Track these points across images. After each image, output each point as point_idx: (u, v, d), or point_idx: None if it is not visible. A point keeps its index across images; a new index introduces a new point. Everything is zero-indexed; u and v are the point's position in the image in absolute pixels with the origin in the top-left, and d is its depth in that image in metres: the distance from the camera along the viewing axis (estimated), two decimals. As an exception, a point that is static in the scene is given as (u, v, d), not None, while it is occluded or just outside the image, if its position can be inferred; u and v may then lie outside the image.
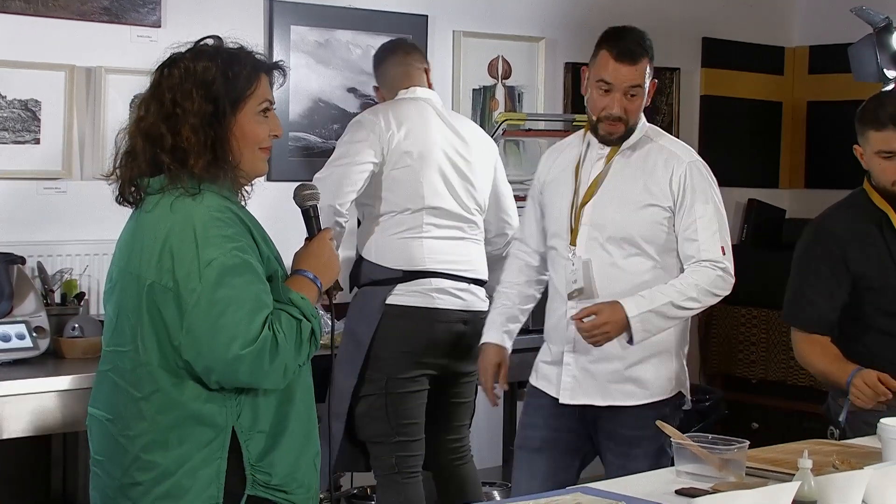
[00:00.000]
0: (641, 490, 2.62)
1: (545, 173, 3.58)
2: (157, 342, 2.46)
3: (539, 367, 3.56)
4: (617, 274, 3.37)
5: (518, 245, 3.72)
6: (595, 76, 3.40)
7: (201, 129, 2.49)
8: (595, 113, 3.40)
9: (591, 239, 3.39)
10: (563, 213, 3.45)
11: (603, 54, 3.39)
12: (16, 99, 4.20)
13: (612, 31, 3.45)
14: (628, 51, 3.36)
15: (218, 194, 2.51)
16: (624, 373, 3.40)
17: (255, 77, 2.57)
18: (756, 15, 6.50)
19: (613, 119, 3.38)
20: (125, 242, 2.57)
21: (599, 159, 3.44)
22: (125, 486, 2.50)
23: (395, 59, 4.28)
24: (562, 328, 3.44)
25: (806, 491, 2.31)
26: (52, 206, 4.29)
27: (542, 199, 3.57)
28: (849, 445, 3.06)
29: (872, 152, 3.44)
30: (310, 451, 2.61)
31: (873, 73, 5.46)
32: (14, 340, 3.75)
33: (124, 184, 2.56)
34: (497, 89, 5.47)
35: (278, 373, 2.46)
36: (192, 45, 2.58)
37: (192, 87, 2.50)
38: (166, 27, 4.48)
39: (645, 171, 3.41)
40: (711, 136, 6.44)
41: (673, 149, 3.47)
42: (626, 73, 3.36)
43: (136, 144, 2.53)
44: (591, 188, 3.41)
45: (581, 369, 3.41)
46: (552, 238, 3.50)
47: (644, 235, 3.38)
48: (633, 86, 3.36)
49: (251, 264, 2.46)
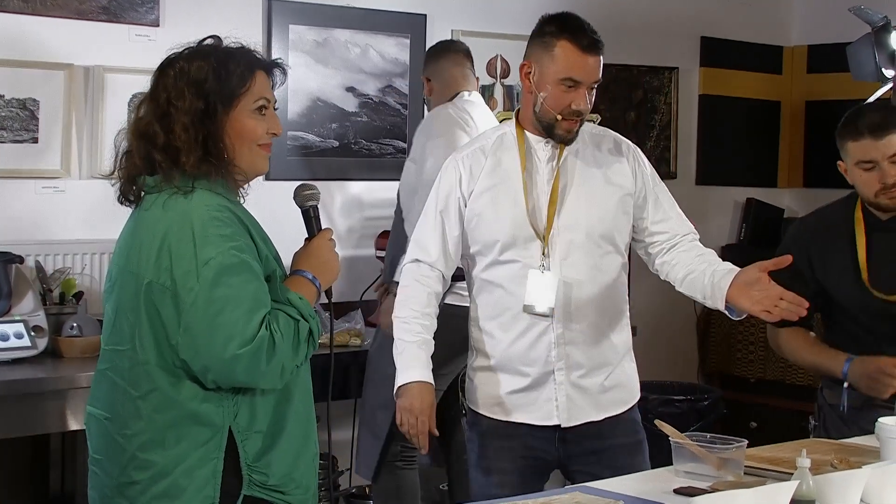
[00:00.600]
0: (640, 489, 2.62)
1: (470, 182, 3.17)
2: (154, 341, 2.46)
3: (506, 401, 3.18)
4: (595, 275, 3.14)
5: (420, 269, 3.20)
6: (559, 73, 3.06)
7: (192, 126, 2.49)
8: (557, 110, 3.07)
9: (567, 242, 3.11)
10: (518, 221, 3.11)
11: (565, 47, 3.07)
12: (14, 98, 4.20)
13: (560, 18, 3.13)
14: (594, 41, 3.08)
15: (212, 192, 2.51)
16: (612, 378, 3.19)
17: (250, 75, 2.57)
18: (754, 14, 6.50)
19: (577, 116, 3.09)
20: (124, 241, 2.57)
21: (552, 159, 3.14)
22: (122, 484, 2.50)
23: (456, 59, 4.45)
24: (541, 347, 3.12)
25: (804, 490, 2.31)
26: (51, 205, 4.29)
27: (471, 212, 3.16)
28: (847, 444, 3.06)
29: (853, 164, 3.38)
30: (308, 452, 2.61)
31: (871, 73, 5.46)
32: (12, 339, 3.76)
33: (124, 183, 2.57)
34: (495, 88, 5.47)
35: (275, 373, 2.46)
36: (193, 46, 2.59)
37: (185, 85, 2.51)
38: (165, 26, 4.48)
39: (598, 161, 3.18)
40: (710, 136, 6.45)
41: (608, 133, 3.25)
42: (595, 66, 3.08)
43: (132, 144, 2.55)
44: (555, 188, 3.13)
45: (573, 386, 3.14)
46: (504, 251, 3.12)
47: (619, 228, 3.16)
48: (597, 80, 3.10)
49: (249, 264, 2.46)
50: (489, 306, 3.18)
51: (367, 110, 5.07)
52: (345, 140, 5.02)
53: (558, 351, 3.12)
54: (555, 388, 3.13)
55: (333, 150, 4.99)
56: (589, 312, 3.14)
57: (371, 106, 5.08)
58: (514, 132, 3.20)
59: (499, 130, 3.25)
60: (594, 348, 3.16)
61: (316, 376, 2.69)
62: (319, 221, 2.74)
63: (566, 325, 3.12)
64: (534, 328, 3.12)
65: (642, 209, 3.21)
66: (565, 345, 3.12)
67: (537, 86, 3.11)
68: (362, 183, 5.03)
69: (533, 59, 3.12)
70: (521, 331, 3.14)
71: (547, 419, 3.15)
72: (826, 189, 5.98)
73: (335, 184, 4.93)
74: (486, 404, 3.20)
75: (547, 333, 3.12)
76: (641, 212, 3.21)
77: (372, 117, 5.09)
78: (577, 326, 3.12)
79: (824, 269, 3.44)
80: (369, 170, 5.05)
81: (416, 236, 3.25)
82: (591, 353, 3.15)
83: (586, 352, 3.15)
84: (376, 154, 5.11)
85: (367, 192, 4.99)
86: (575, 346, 3.14)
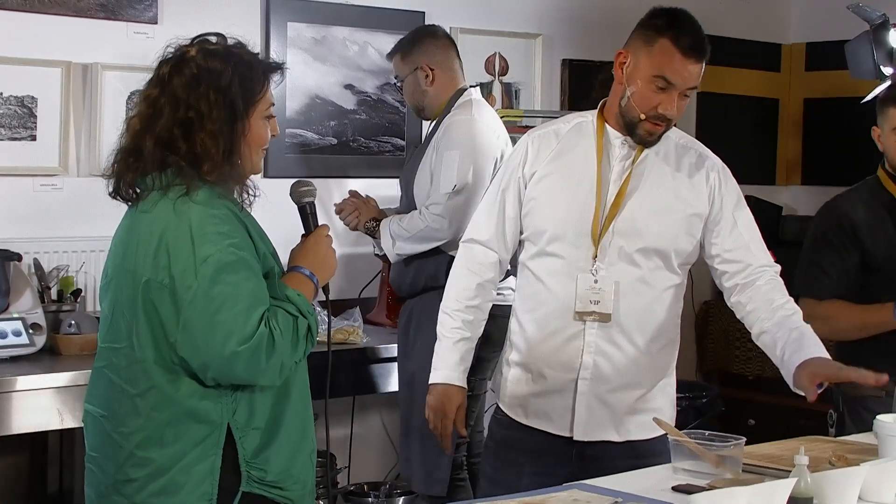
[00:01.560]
0: (638, 486, 2.62)
1: (535, 163, 3.03)
2: (152, 339, 2.46)
3: (526, 403, 3.05)
4: (641, 289, 2.97)
5: (472, 253, 3.10)
6: (652, 70, 2.87)
7: (219, 134, 2.47)
8: (643, 110, 2.90)
9: (618, 248, 2.95)
10: (573, 215, 2.96)
11: (665, 45, 2.86)
12: (12, 95, 4.19)
13: (670, 13, 2.91)
14: (698, 45, 2.86)
15: (210, 190, 2.50)
16: (643, 402, 3.02)
17: (266, 80, 2.56)
18: (753, 12, 6.50)
19: (663, 120, 2.92)
20: (120, 239, 2.56)
21: (625, 159, 2.98)
22: (119, 482, 2.50)
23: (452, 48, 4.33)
24: (570, 352, 2.98)
25: (802, 487, 2.31)
26: (49, 202, 4.29)
27: (529, 194, 3.03)
28: (845, 442, 3.06)
29: (890, 129, 3.54)
30: (306, 448, 2.61)
31: (870, 70, 5.46)
32: (10, 337, 3.75)
33: (121, 181, 2.55)
34: (494, 86, 5.46)
35: (274, 370, 2.46)
36: (197, 42, 2.56)
37: (208, 89, 2.47)
38: (163, 23, 4.47)
39: (674, 174, 3.01)
40: (708, 133, 6.40)
41: (696, 147, 3.09)
42: (694, 72, 2.87)
43: (143, 144, 2.49)
44: (621, 191, 2.96)
45: (597, 399, 2.98)
46: (551, 243, 2.99)
47: (677, 247, 2.98)
48: (694, 87, 2.91)
49: (247, 261, 2.46)
50: (527, 299, 3.06)
51: (366, 108, 5.07)
52: (343, 137, 5.02)
53: (586, 359, 2.97)
54: (575, 398, 2.99)
55: (332, 147, 4.99)
56: (628, 326, 2.98)
57: (369, 103, 5.08)
58: (594, 122, 3.03)
59: (579, 117, 3.07)
60: (628, 365, 2.99)
61: (313, 374, 2.69)
62: (316, 218, 2.74)
63: (600, 334, 2.97)
64: (565, 330, 2.98)
65: (715, 234, 3.02)
66: (595, 354, 2.97)
67: (628, 78, 2.93)
68: (361, 180, 5.02)
69: (631, 49, 2.94)
70: (552, 331, 3.00)
71: (562, 429, 3.01)
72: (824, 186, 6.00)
73: (333, 181, 4.92)
74: (510, 403, 3.10)
75: (577, 339, 2.97)
76: (713, 236, 3.02)
77: (370, 115, 5.08)
78: (613, 338, 2.97)
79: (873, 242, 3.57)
80: (368, 167, 5.04)
81: (476, 213, 3.14)
82: (623, 369, 2.99)
83: (618, 367, 2.99)
84: (375, 151, 5.10)
85: (366, 189, 4.96)
86: (606, 357, 2.98)
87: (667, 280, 3.01)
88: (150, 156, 2.49)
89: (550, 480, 2.87)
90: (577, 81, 5.62)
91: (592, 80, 5.57)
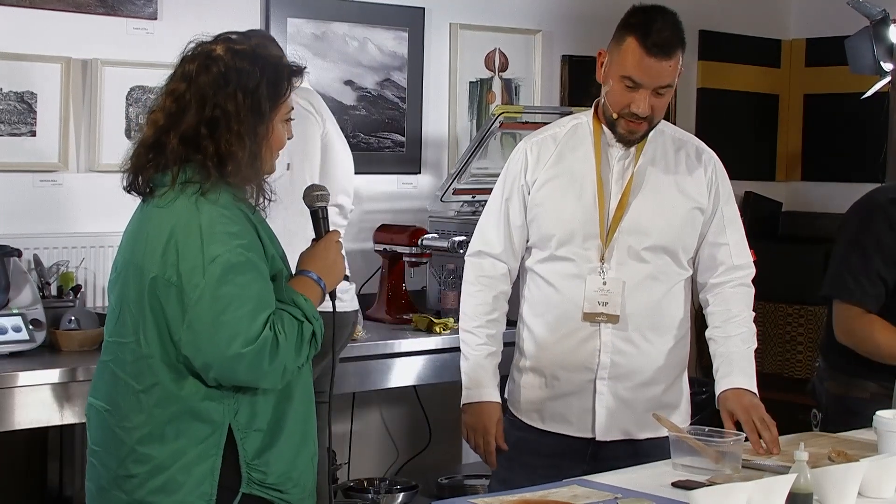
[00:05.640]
0: (638, 483, 2.62)
1: (536, 169, 3.03)
2: (158, 336, 2.46)
3: (543, 407, 3.04)
4: (652, 285, 2.99)
5: (483, 266, 3.09)
6: (620, 69, 2.89)
7: (247, 136, 2.46)
8: (615, 109, 2.92)
9: (626, 247, 2.96)
10: (579, 218, 2.96)
11: (631, 44, 2.87)
12: (12, 91, 4.19)
13: (641, 10, 2.92)
14: (662, 42, 2.85)
15: (222, 189, 2.49)
16: (661, 398, 3.04)
17: (289, 83, 2.55)
18: (752, 7, 6.49)
19: (638, 118, 2.92)
20: (131, 233, 2.55)
21: (624, 158, 2.99)
22: (120, 477, 2.50)
23: None
24: (586, 353, 2.98)
25: (802, 483, 2.31)
26: (48, 198, 4.29)
27: (533, 201, 3.03)
28: (844, 438, 3.06)
29: None
30: (307, 451, 2.60)
31: (870, 66, 5.46)
32: (10, 333, 3.75)
33: (139, 175, 2.52)
34: (494, 82, 5.46)
35: (277, 373, 2.46)
36: (222, 40, 2.53)
37: (236, 90, 2.46)
38: (163, 19, 4.46)
39: (674, 168, 3.02)
40: (708, 129, 6.42)
41: (692, 141, 3.09)
42: (658, 71, 2.86)
43: (166, 140, 2.47)
44: (626, 191, 2.97)
45: (617, 398, 2.98)
46: (560, 247, 2.99)
47: (684, 242, 3.00)
48: (666, 84, 2.90)
49: (255, 263, 2.45)
50: (537, 303, 3.05)
51: (366, 104, 5.07)
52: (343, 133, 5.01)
53: (603, 359, 2.98)
54: (594, 399, 2.99)
55: (331, 143, 4.98)
56: (641, 323, 2.99)
57: (369, 99, 5.08)
58: (590, 123, 3.03)
59: (574, 119, 3.08)
60: (646, 362, 3.01)
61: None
62: (328, 222, 2.72)
63: (615, 333, 2.98)
64: (580, 332, 2.98)
65: (707, 226, 3.05)
66: (612, 353, 2.98)
67: (604, 78, 2.96)
68: (361, 176, 5.00)
69: (609, 48, 2.95)
70: (565, 333, 3.00)
71: (582, 431, 3.02)
72: (824, 182, 6.00)
73: (333, 177, 4.91)
74: (526, 409, 3.09)
75: (593, 339, 2.98)
76: (705, 228, 3.05)
77: (370, 111, 5.08)
78: (628, 336, 2.98)
79: None
80: (368, 163, 5.03)
81: (481, 225, 3.12)
82: (641, 366, 3.01)
83: (636, 365, 3.00)
84: (375, 147, 5.10)
85: (366, 185, 4.97)
86: (623, 355, 2.99)
87: (676, 275, 3.03)
88: (173, 152, 2.47)
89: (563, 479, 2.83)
90: (577, 77, 5.62)
91: (592, 76, 5.55)
